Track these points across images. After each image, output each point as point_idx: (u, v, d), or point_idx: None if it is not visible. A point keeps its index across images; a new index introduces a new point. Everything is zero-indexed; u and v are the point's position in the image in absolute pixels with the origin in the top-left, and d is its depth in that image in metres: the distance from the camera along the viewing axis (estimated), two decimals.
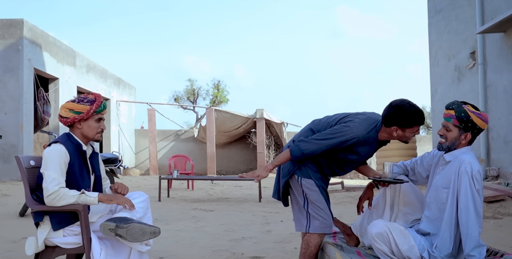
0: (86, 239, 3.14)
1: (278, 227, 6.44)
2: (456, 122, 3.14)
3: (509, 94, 8.95)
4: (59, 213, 3.19)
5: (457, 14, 10.94)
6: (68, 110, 3.33)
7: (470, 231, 2.98)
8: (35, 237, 3.22)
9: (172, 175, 10.21)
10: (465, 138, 3.16)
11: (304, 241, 3.46)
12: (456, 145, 3.19)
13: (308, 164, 3.41)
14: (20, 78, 11.73)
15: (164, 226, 6.47)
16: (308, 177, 3.40)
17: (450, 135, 3.17)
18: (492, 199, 7.03)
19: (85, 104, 3.32)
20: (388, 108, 3.28)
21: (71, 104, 3.34)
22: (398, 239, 2.99)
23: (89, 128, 3.36)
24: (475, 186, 3.03)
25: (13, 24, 11.83)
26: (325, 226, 3.40)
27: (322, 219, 3.38)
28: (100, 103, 3.36)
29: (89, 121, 3.36)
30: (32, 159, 3.42)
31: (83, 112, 3.31)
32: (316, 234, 3.42)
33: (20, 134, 11.69)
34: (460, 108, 3.14)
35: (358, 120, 3.33)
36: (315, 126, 3.49)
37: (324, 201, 3.40)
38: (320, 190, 3.40)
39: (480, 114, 3.14)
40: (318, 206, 3.38)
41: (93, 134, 3.38)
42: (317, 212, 3.38)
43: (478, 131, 3.16)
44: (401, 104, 3.24)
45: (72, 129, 3.39)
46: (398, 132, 3.29)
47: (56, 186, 3.12)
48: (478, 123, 3.12)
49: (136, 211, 3.33)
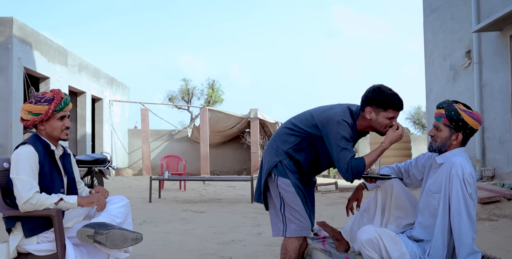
0: (60, 245, 2.98)
1: (269, 230, 6.22)
2: (446, 121, 3.01)
3: (505, 94, 8.84)
4: (31, 219, 3.03)
5: (453, 13, 10.83)
6: (27, 112, 3.17)
7: (463, 237, 2.83)
8: (6, 244, 3.07)
9: (163, 176, 10.06)
10: (457, 138, 3.02)
11: (283, 246, 3.31)
12: (447, 146, 3.05)
13: (287, 162, 3.26)
14: (10, 77, 11.54)
15: (152, 228, 6.33)
16: (285, 176, 3.23)
17: (441, 135, 3.04)
18: (487, 200, 6.91)
19: (43, 104, 3.15)
20: (367, 89, 3.19)
21: (29, 105, 3.17)
22: (389, 246, 2.84)
23: (52, 128, 3.20)
24: (467, 190, 2.88)
25: (2, 22, 11.64)
26: (302, 229, 3.23)
27: (298, 222, 3.21)
28: (59, 100, 3.19)
29: (51, 121, 3.19)
30: (6, 161, 3.26)
31: (41, 113, 3.15)
32: (294, 238, 3.25)
33: (9, 133, 11.51)
34: (451, 106, 3.01)
35: (338, 111, 3.18)
36: (291, 122, 3.37)
37: (300, 203, 3.22)
38: (296, 190, 3.22)
39: (472, 113, 3.00)
40: (293, 208, 3.21)
41: (57, 133, 3.22)
42: (293, 214, 3.22)
43: (471, 131, 3.01)
44: (380, 86, 3.17)
45: (38, 130, 3.24)
46: (372, 114, 3.14)
47: (30, 192, 2.96)
48: (470, 123, 2.98)
49: (115, 216, 3.18)
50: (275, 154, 3.29)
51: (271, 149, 3.34)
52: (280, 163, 3.25)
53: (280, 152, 3.27)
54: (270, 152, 3.34)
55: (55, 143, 3.26)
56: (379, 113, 3.14)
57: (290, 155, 3.26)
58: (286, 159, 3.26)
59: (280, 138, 3.32)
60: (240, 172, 20.25)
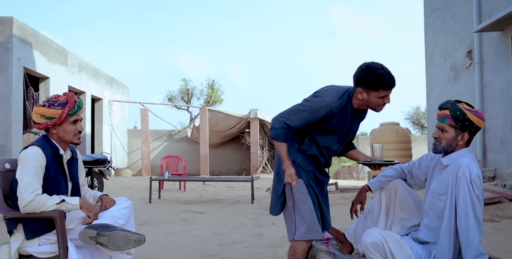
0: (62, 248, 2.95)
1: (270, 230, 6.28)
2: (452, 122, 2.97)
3: (506, 94, 8.81)
4: (33, 220, 2.99)
5: (454, 13, 10.80)
6: (40, 115, 3.12)
7: (470, 239, 2.81)
8: (8, 246, 3.03)
9: (163, 176, 10.03)
10: (462, 138, 3.00)
11: (291, 248, 3.26)
12: (453, 147, 3.02)
13: (301, 160, 3.20)
14: (9, 77, 11.50)
15: (153, 229, 6.30)
16: (298, 176, 3.16)
17: (446, 137, 3.00)
18: (489, 201, 6.88)
19: (56, 108, 3.11)
20: (357, 68, 3.11)
21: (42, 109, 3.13)
22: (394, 249, 2.80)
23: (65, 132, 3.16)
24: (474, 192, 2.85)
25: (2, 22, 11.60)
26: (312, 233, 3.17)
27: (307, 225, 3.16)
28: (73, 104, 3.15)
29: (63, 125, 3.15)
30: (8, 162, 3.23)
31: (55, 117, 3.11)
32: (304, 241, 3.21)
33: (8, 134, 11.47)
34: (455, 107, 2.98)
35: (328, 89, 3.17)
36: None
37: (311, 205, 3.17)
38: (308, 191, 3.17)
39: (477, 111, 2.98)
40: (304, 209, 3.16)
41: (70, 137, 3.18)
42: (303, 217, 3.16)
43: (476, 130, 2.99)
44: (371, 64, 3.06)
45: (49, 133, 3.20)
46: (363, 95, 3.08)
47: (31, 194, 2.92)
48: (475, 121, 2.95)
49: (118, 218, 3.15)
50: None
51: None
52: (293, 163, 3.19)
53: (293, 152, 3.22)
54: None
55: (65, 146, 3.23)
56: (370, 93, 3.08)
57: (303, 152, 3.22)
58: (300, 158, 3.21)
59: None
60: (239, 173, 20.23)
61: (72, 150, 3.33)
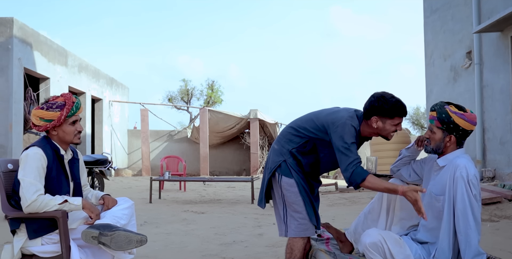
0: (65, 247, 2.98)
1: (270, 230, 6.30)
2: (438, 124, 3.04)
3: (506, 95, 8.84)
4: (36, 220, 3.02)
5: (453, 14, 10.83)
6: (39, 118, 3.16)
7: (469, 239, 2.84)
8: (11, 245, 3.06)
9: (163, 176, 10.05)
10: (450, 140, 3.03)
11: (288, 246, 3.30)
12: (442, 148, 3.07)
13: (291, 161, 3.25)
14: (10, 78, 11.53)
15: (154, 229, 6.32)
16: (289, 175, 3.22)
17: (434, 138, 3.08)
18: (488, 201, 6.90)
19: (55, 110, 3.14)
20: (369, 98, 3.20)
21: (40, 111, 3.15)
22: (393, 249, 2.83)
23: (65, 133, 3.20)
24: (471, 192, 2.89)
25: (2, 22, 11.62)
26: (303, 229, 3.22)
27: (298, 223, 3.22)
28: (71, 106, 3.18)
29: (63, 126, 3.19)
30: (10, 162, 3.25)
31: (54, 119, 3.14)
32: (299, 238, 3.26)
33: (9, 134, 11.48)
34: (442, 109, 3.03)
35: (338, 116, 3.20)
36: (295, 123, 3.37)
37: (302, 203, 3.21)
38: (299, 190, 3.22)
39: (463, 114, 2.99)
40: (295, 208, 3.22)
41: (70, 138, 3.22)
42: (294, 215, 3.22)
43: (464, 133, 3.02)
44: (383, 94, 3.18)
45: (49, 134, 3.23)
46: (379, 123, 3.17)
47: (34, 195, 2.95)
48: (461, 124, 2.98)
49: (120, 218, 3.18)
50: (279, 153, 3.29)
51: (275, 149, 3.34)
52: (284, 162, 3.25)
53: (285, 152, 3.27)
54: (274, 152, 3.34)
55: (66, 147, 3.26)
56: (386, 121, 3.17)
57: (294, 155, 3.26)
58: (290, 159, 3.26)
59: (285, 138, 3.33)
60: (239, 173, 20.25)
61: (73, 150, 3.36)
